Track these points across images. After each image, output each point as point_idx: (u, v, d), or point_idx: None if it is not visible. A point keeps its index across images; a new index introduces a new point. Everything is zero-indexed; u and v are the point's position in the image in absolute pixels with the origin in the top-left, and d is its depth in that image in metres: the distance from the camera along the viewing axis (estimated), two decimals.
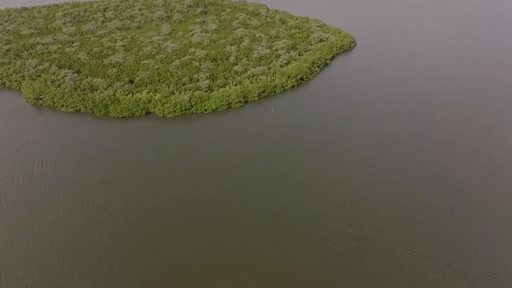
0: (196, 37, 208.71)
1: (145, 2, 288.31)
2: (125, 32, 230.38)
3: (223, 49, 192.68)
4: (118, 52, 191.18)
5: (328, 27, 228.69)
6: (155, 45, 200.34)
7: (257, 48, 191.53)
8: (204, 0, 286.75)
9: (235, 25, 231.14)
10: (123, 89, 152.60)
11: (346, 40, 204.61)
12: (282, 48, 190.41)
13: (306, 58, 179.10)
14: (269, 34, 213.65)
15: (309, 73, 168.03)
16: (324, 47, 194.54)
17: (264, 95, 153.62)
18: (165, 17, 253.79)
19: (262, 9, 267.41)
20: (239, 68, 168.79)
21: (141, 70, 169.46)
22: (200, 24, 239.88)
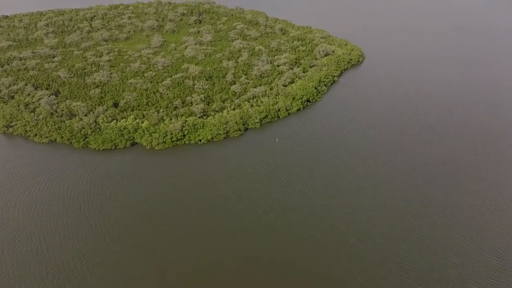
0: (190, 50, 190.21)
1: (135, 10, 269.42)
2: (113, 44, 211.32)
3: (219, 64, 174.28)
4: (103, 68, 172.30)
5: (333, 38, 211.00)
6: (144, 60, 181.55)
7: (257, 64, 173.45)
8: (198, 7, 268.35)
9: (232, 36, 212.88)
10: (106, 115, 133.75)
11: (353, 53, 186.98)
12: (284, 64, 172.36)
13: (312, 76, 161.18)
14: (270, 47, 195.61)
15: (315, 94, 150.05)
16: (331, 62, 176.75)
17: (266, 120, 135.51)
18: (156, 27, 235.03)
19: (260, 18, 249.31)
20: (238, 88, 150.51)
21: (128, 90, 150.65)
22: (194, 34, 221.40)
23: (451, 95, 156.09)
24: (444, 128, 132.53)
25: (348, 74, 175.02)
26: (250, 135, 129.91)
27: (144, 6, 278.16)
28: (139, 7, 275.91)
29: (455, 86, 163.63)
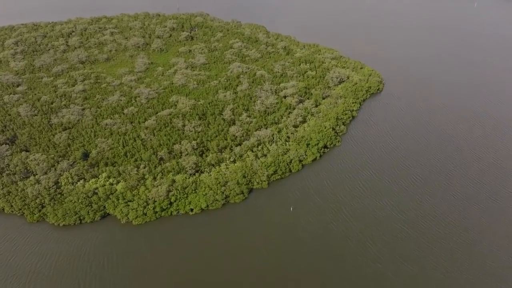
0: (180, 77, 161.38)
1: (119, 24, 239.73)
2: (90, 66, 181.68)
3: (214, 96, 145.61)
4: (74, 102, 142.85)
5: (346, 59, 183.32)
6: (125, 90, 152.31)
7: (259, 95, 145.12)
8: (190, 20, 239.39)
9: (229, 57, 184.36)
10: (72, 173, 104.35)
11: (372, 80, 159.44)
12: (292, 95, 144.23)
13: (327, 113, 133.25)
14: (273, 71, 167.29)
15: (333, 137, 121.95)
16: (347, 92, 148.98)
17: (275, 177, 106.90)
18: (142, 45, 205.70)
19: (260, 33, 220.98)
20: (238, 131, 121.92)
21: (101, 136, 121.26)
22: (185, 54, 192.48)
23: (490, 128, 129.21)
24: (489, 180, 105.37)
25: (368, 106, 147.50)
26: (256, 199, 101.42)
27: (130, 19, 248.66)
28: (124, 20, 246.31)
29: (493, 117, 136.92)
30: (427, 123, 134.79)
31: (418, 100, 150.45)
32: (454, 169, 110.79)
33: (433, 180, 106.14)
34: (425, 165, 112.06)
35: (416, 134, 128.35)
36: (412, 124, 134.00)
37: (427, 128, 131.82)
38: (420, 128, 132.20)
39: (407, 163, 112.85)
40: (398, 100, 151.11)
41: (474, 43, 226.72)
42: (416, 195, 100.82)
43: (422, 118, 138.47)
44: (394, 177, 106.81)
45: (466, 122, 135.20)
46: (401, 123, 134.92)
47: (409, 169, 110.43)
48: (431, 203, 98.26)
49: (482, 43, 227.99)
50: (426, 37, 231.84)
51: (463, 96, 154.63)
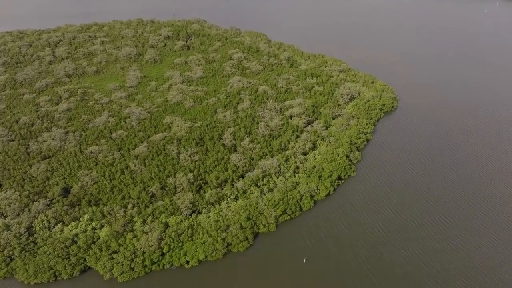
0: (175, 93, 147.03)
1: (110, 32, 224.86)
2: (78, 80, 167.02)
3: (213, 116, 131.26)
4: (57, 124, 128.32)
5: (355, 72, 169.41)
6: (115, 110, 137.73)
7: (263, 114, 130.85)
8: (186, 28, 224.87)
9: (228, 69, 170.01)
10: (48, 215, 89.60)
11: (385, 96, 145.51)
12: (299, 115, 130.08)
13: (339, 137, 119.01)
14: (277, 86, 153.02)
15: (348, 166, 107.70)
16: (360, 111, 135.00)
17: (284, 217, 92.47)
18: (134, 56, 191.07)
19: (261, 42, 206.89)
20: (240, 160, 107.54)
21: (85, 166, 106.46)
22: (181, 66, 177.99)
23: None
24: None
25: (383, 127, 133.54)
26: (263, 246, 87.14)
27: (122, 26, 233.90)
28: (116, 28, 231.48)
29: None
30: (450, 148, 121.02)
31: (437, 119, 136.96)
32: (486, 206, 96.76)
33: (462, 220, 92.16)
34: (451, 200, 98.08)
35: (438, 160, 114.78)
36: (433, 149, 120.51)
37: (450, 154, 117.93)
38: (442, 153, 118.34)
39: (430, 198, 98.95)
40: (415, 120, 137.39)
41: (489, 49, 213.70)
42: (446, 242, 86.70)
43: (444, 141, 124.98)
44: (418, 217, 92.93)
45: (496, 150, 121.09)
46: (420, 147, 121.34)
47: (433, 206, 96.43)
48: (463, 253, 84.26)
49: (495, 49, 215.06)
50: (438, 45, 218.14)
51: (487, 113, 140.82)
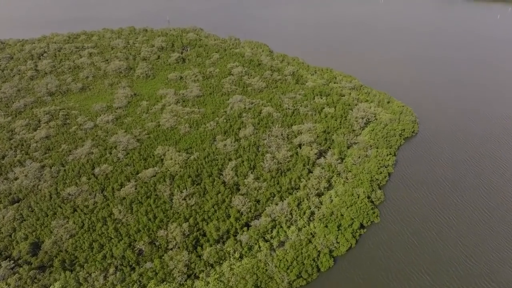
0: (168, 116, 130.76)
1: (99, 42, 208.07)
2: (61, 99, 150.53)
3: (211, 146, 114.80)
4: (32, 156, 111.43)
5: (368, 89, 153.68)
6: (100, 137, 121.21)
7: (269, 143, 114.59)
8: (181, 38, 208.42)
9: (228, 86, 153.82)
10: (10, 284, 72.63)
11: (404, 119, 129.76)
12: (310, 143, 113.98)
13: (358, 172, 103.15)
14: (282, 107, 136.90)
15: (370, 210, 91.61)
16: (378, 138, 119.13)
17: (299, 283, 76.01)
18: (124, 70, 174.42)
19: (263, 54, 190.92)
20: (244, 204, 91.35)
21: (61, 213, 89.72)
22: (176, 83, 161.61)
23: None
24: None
25: (404, 156, 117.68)
26: None
27: (112, 36, 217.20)
28: (105, 38, 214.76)
29: None
30: (483, 183, 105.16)
31: (463, 145, 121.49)
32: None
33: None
34: (496, 259, 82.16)
35: (469, 199, 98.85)
36: (461, 182, 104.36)
37: (484, 191, 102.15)
38: (475, 188, 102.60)
39: (467, 253, 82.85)
40: (438, 146, 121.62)
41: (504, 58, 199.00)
42: None
43: (473, 171, 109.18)
44: (454, 280, 76.76)
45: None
46: (447, 181, 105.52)
47: (473, 264, 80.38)
48: None
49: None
50: (453, 58, 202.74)
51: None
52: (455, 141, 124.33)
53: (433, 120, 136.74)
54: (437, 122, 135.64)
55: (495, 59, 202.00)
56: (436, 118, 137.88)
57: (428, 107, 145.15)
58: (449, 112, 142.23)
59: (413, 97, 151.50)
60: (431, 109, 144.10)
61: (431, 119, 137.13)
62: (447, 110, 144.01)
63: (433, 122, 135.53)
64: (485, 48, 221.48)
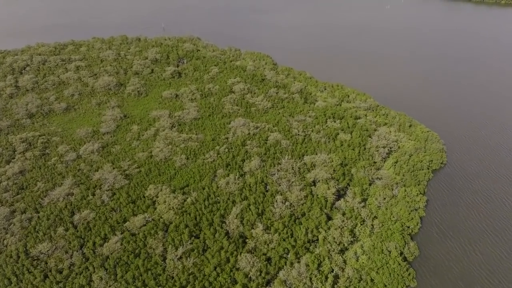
0: (162, 145, 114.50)
1: (88, 54, 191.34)
2: (41, 123, 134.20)
3: (211, 184, 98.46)
4: (1, 198, 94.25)
5: (385, 109, 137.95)
6: (82, 172, 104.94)
7: (278, 181, 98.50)
8: (177, 49, 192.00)
9: (229, 107, 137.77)
10: None
11: (430, 147, 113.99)
12: (326, 180, 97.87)
13: (385, 219, 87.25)
14: (291, 132, 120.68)
15: (405, 271, 75.46)
16: (404, 172, 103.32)
17: None
18: (114, 86, 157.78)
19: (266, 68, 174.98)
20: (253, 265, 75.36)
21: (28, 282, 72.98)
22: (171, 102, 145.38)
23: None
24: None
25: (434, 194, 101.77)
26: None
27: (102, 46, 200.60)
28: (95, 48, 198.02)
29: None
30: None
31: (501, 180, 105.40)
32: None
33: None
34: None
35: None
36: (506, 233, 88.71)
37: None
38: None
39: None
40: (471, 180, 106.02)
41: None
42: None
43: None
44: None
45: None
46: (488, 229, 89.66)
47: None
48: None
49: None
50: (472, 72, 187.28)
51: None
52: (490, 173, 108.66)
53: (462, 146, 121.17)
54: (467, 149, 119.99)
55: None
56: (465, 144, 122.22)
57: (454, 131, 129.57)
58: (480, 137, 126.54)
59: (435, 118, 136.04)
60: (458, 133, 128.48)
61: (460, 146, 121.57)
62: (477, 134, 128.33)
63: (463, 149, 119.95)
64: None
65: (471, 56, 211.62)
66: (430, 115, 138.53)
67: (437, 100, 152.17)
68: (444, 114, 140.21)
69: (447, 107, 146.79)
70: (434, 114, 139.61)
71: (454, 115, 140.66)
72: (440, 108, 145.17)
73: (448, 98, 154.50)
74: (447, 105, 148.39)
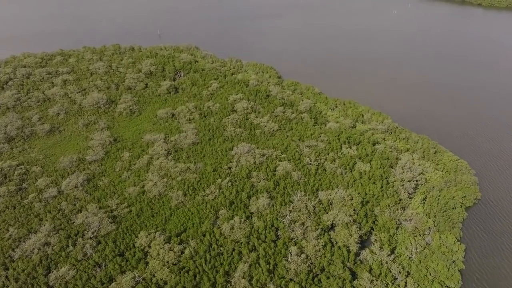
0: (156, 178, 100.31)
1: (77, 66, 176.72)
2: (21, 148, 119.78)
3: (212, 228, 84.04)
4: None
5: (406, 132, 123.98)
6: (63, 213, 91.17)
7: (291, 226, 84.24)
8: (173, 60, 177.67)
9: (231, 129, 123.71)
10: None
11: (461, 179, 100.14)
12: (346, 225, 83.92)
13: (420, 277, 73.76)
14: (302, 162, 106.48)
15: None
16: (434, 211, 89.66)
17: None
18: (104, 104, 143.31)
19: (271, 83, 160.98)
20: None
21: None
22: (166, 124, 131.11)
23: None
24: None
25: (472, 239, 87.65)
26: None
27: (93, 57, 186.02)
28: (85, 59, 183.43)
29: None
30: None
31: None
32: None
33: None
34: None
35: None
36: None
37: None
38: None
39: None
40: (510, 223, 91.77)
41: None
42: None
43: None
44: None
45: None
46: None
47: None
48: None
49: None
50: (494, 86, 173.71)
51: None
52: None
53: (495, 178, 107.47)
54: (501, 181, 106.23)
55: None
56: (498, 175, 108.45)
57: (484, 158, 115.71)
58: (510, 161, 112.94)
59: (461, 141, 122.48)
60: (488, 160, 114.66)
61: (492, 176, 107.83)
62: (508, 158, 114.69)
63: (496, 181, 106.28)
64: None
65: (493, 66, 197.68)
66: (454, 137, 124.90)
67: (461, 120, 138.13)
68: (470, 137, 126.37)
69: (472, 128, 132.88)
70: (459, 137, 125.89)
71: (481, 137, 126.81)
72: (464, 129, 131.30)
73: (473, 118, 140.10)
74: (473, 125, 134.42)
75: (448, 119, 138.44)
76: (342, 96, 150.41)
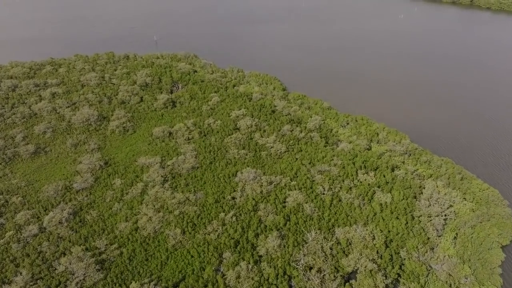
0: (151, 212, 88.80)
1: (67, 77, 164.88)
2: (2, 172, 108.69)
3: (215, 277, 72.63)
4: None
5: (427, 155, 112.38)
6: (44, 257, 79.91)
7: (307, 273, 72.75)
8: (171, 71, 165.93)
9: (234, 151, 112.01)
10: None
11: (494, 212, 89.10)
12: (370, 272, 72.17)
13: None
14: (315, 192, 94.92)
15: None
16: (469, 254, 78.61)
17: None
18: (95, 121, 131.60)
19: (276, 96, 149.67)
20: None
21: None
22: (163, 144, 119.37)
23: None
24: None
25: (509, 285, 75.96)
26: None
27: (85, 67, 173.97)
28: (76, 69, 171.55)
29: None
30: None
31: None
32: None
33: None
34: None
35: None
36: None
37: None
38: None
39: None
40: None
41: None
42: None
43: None
44: None
45: None
46: None
47: None
48: None
49: None
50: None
51: None
52: None
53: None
54: None
55: None
56: None
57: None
58: None
59: (488, 165, 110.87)
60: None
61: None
62: None
63: None
64: None
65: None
66: (481, 161, 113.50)
67: (486, 140, 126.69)
68: (499, 161, 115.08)
69: (503, 149, 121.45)
70: (486, 160, 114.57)
71: (508, 160, 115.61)
72: (494, 151, 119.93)
73: (500, 139, 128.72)
74: (501, 147, 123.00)
75: (469, 136, 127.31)
76: (351, 108, 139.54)
